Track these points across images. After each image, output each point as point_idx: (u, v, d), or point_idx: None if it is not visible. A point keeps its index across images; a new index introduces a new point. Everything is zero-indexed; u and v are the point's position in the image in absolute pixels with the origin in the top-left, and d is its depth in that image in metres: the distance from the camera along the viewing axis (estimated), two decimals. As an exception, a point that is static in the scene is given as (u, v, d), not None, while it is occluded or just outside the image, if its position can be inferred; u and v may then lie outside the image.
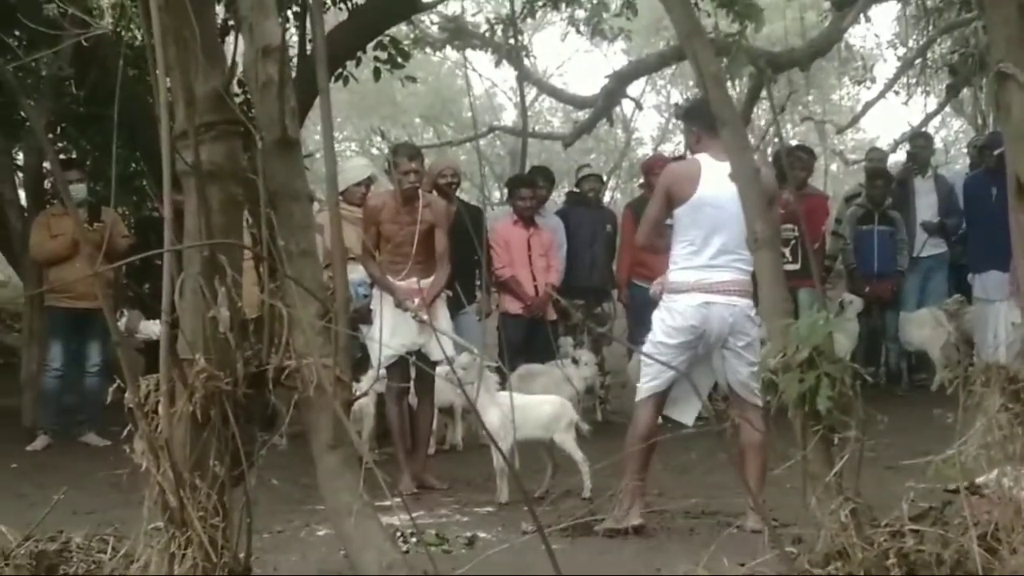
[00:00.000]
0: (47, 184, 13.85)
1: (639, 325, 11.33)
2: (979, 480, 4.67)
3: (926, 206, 14.15)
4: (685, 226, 7.66)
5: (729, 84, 18.13)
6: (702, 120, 7.79)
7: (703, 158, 7.73)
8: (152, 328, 11.17)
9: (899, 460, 5.02)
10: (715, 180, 7.41)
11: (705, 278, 7.58)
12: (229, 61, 5.24)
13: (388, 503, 5.77)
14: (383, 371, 9.30)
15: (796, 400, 4.51)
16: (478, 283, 11.87)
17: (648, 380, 7.74)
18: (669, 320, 7.67)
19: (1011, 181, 4.61)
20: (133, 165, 14.20)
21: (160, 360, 4.70)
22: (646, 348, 7.83)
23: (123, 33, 10.32)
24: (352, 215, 10.92)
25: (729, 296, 7.56)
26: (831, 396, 4.42)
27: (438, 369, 9.08)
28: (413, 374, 9.61)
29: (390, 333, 9.08)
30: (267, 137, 5.08)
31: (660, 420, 7.89)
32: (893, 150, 21.65)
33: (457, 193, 12.59)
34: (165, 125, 4.72)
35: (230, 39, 10.35)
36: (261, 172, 5.00)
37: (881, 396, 12.87)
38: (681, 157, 14.58)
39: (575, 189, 14.77)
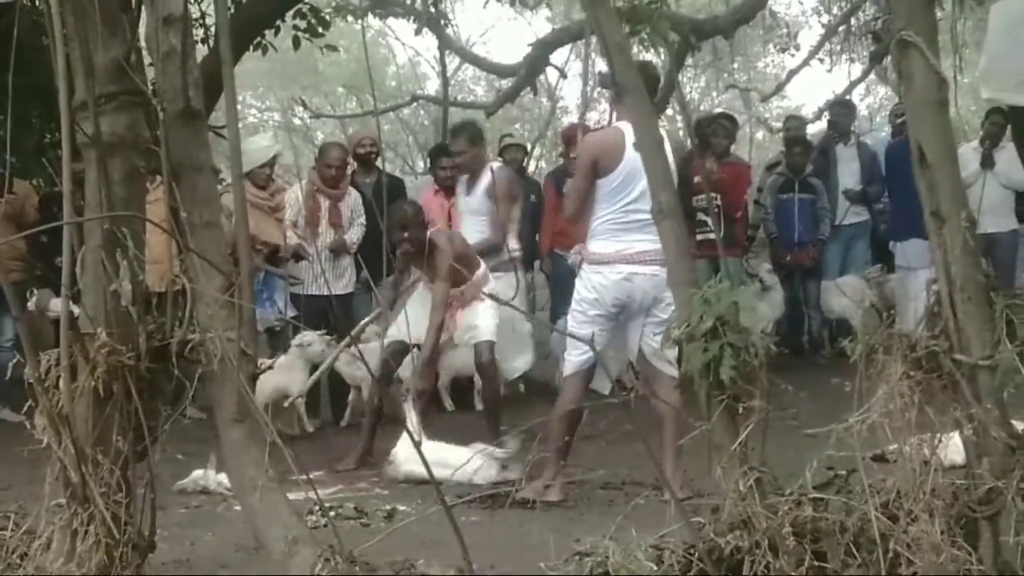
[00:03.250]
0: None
1: (560, 295, 11.36)
2: (891, 448, 4.69)
3: (848, 174, 14.16)
4: (608, 196, 7.60)
5: (653, 52, 18.17)
6: (615, 87, 7.81)
7: (624, 126, 7.53)
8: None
9: (819, 428, 5.02)
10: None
11: (627, 248, 7.56)
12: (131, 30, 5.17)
13: (305, 478, 5.74)
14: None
15: (701, 370, 4.51)
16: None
17: (577, 354, 7.73)
18: (591, 293, 7.66)
19: (914, 149, 4.62)
20: (47, 136, 13.97)
21: (60, 334, 4.64)
22: (569, 317, 7.81)
23: (35, 1, 10.13)
24: (257, 200, 10.82)
25: (652, 267, 7.50)
26: (735, 366, 4.43)
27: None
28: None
29: (406, 324, 9.09)
30: (170, 108, 5.02)
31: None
32: (818, 117, 21.66)
33: (377, 163, 12.57)
34: (64, 95, 4.66)
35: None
36: (164, 143, 4.95)
37: (803, 364, 12.95)
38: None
39: (499, 158, 14.73)
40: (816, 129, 17.76)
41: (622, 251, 7.58)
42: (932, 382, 4.41)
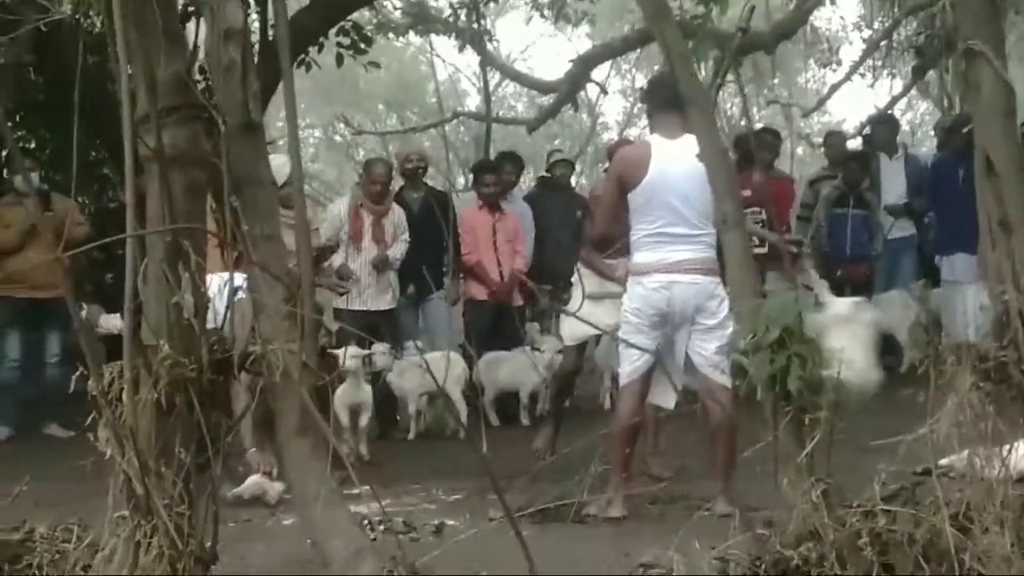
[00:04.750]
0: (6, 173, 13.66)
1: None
2: (944, 461, 4.66)
3: (893, 187, 14.09)
4: (641, 209, 7.64)
5: (697, 66, 18.13)
6: (652, 98, 7.88)
7: (653, 139, 7.77)
8: (113, 322, 10.94)
9: (870, 441, 5.00)
10: (666, 160, 7.47)
11: (665, 258, 7.56)
12: (191, 45, 5.20)
13: (356, 491, 5.72)
14: None
15: (766, 381, 4.49)
16: (445, 269, 11.86)
17: (629, 363, 7.72)
18: (634, 303, 7.67)
19: (979, 158, 4.59)
20: (94, 153, 14.05)
21: (123, 346, 4.64)
22: (620, 330, 7.81)
23: (82, 20, 10.21)
24: (286, 220, 10.83)
25: (692, 275, 7.53)
26: (801, 376, 4.41)
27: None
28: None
29: (588, 315, 9.10)
30: (230, 122, 5.04)
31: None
32: (859, 133, 21.57)
33: (424, 179, 12.61)
34: (127, 109, 4.66)
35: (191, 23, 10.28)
36: (225, 157, 4.96)
37: (849, 379, 12.85)
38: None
39: (545, 174, 14.77)
40: (856, 144, 17.67)
41: (661, 260, 7.59)
42: (1002, 393, 4.39)
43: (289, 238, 9.44)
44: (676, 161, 7.41)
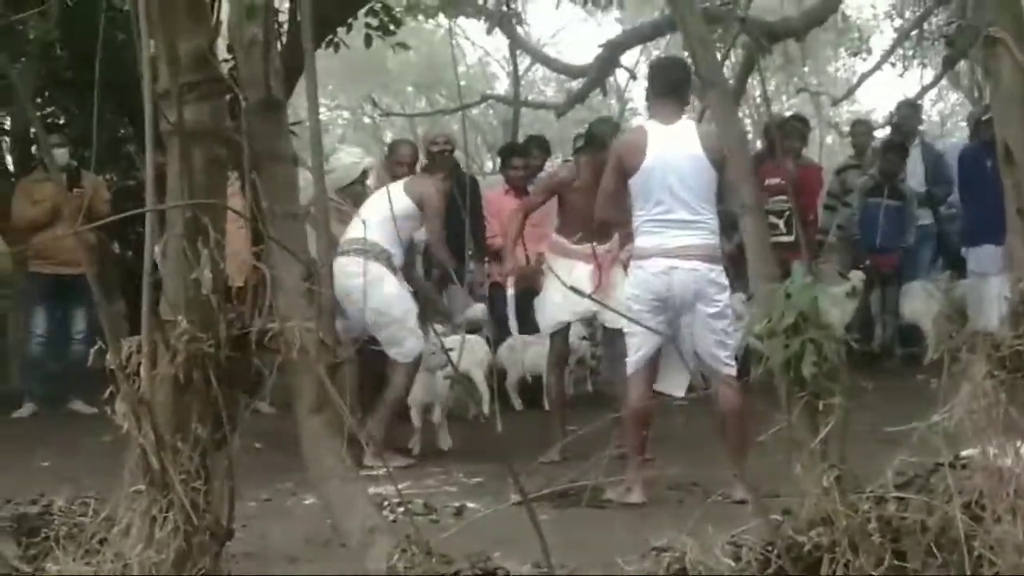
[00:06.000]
0: (34, 150, 13.71)
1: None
2: (964, 453, 4.64)
3: (912, 176, 14.07)
4: (641, 194, 7.71)
5: (724, 55, 18.08)
6: (651, 84, 7.91)
7: (650, 125, 7.86)
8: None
9: (885, 429, 4.98)
10: (664, 145, 7.54)
11: (665, 243, 7.62)
12: (214, 19, 5.20)
13: (375, 472, 5.72)
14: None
15: (781, 366, 4.48)
16: (469, 253, 11.84)
17: (635, 351, 7.74)
18: (635, 288, 7.78)
19: (1000, 147, 4.58)
20: (122, 130, 14.07)
21: (142, 321, 4.66)
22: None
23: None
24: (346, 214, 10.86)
25: (691, 261, 7.58)
26: (816, 362, 4.40)
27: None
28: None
29: (562, 299, 9.11)
30: (251, 98, 5.05)
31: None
32: (888, 122, 21.52)
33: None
34: (148, 83, 4.67)
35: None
36: (245, 133, 4.97)
37: (872, 371, 12.83)
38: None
39: (572, 158, 14.72)
40: (883, 133, 17.66)
41: (662, 245, 7.65)
42: (1016, 382, 4.36)
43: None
44: (673, 146, 7.51)
